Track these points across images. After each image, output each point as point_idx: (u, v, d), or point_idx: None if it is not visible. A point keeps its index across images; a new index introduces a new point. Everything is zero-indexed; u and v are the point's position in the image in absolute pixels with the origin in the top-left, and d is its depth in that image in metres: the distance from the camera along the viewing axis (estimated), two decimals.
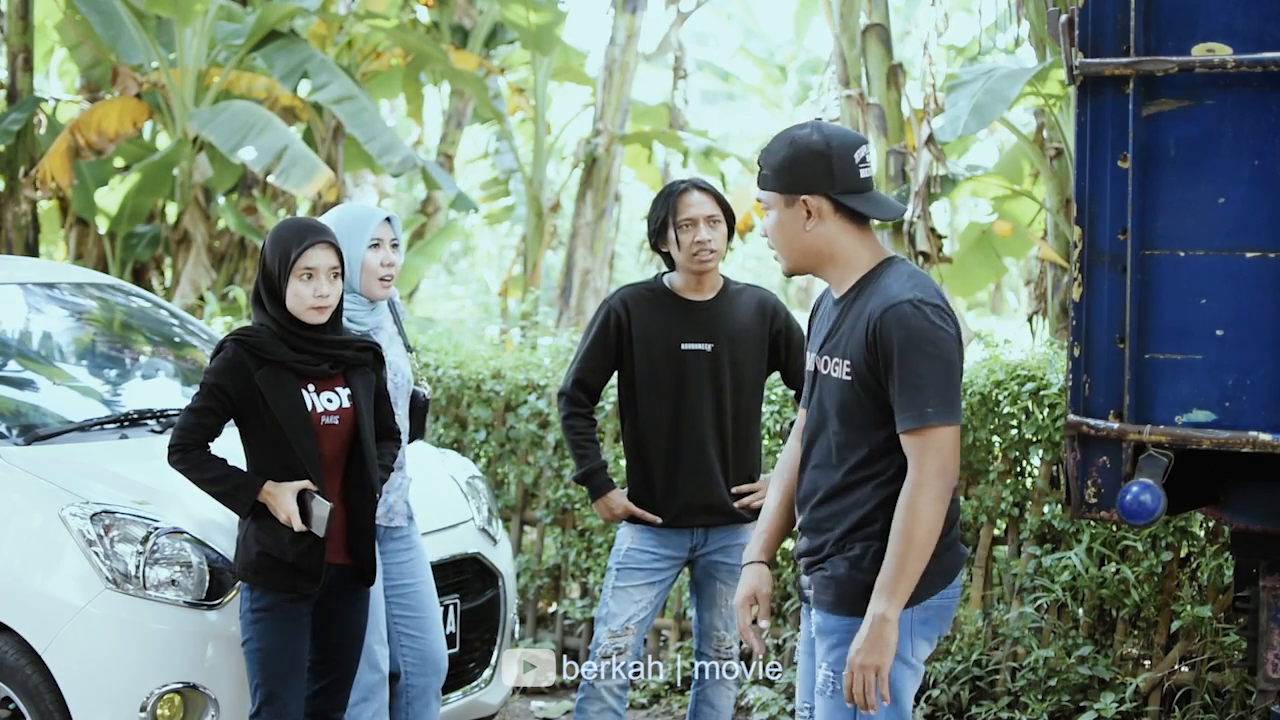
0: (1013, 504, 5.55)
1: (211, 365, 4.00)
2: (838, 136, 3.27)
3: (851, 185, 3.24)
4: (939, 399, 3.11)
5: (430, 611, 4.47)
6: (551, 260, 16.43)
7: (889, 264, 3.28)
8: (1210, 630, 5.16)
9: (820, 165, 3.23)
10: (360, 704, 4.25)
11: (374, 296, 4.36)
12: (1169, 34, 3.41)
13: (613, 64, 12.39)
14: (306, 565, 3.96)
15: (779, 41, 22.45)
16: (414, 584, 4.44)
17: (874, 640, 3.11)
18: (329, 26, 11.55)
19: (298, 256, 3.95)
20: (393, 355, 4.43)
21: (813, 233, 3.27)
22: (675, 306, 4.55)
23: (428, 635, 4.45)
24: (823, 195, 3.24)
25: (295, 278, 3.95)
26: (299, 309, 3.98)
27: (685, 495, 4.51)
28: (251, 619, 3.96)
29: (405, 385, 4.48)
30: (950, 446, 3.13)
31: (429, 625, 4.46)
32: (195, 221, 11.06)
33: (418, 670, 4.45)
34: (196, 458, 3.96)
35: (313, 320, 4.00)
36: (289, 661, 3.97)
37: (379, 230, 4.35)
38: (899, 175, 8.48)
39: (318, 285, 3.96)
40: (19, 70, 11.69)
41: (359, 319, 4.36)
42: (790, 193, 3.26)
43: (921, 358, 3.12)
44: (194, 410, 3.97)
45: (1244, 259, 3.37)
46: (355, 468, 4.08)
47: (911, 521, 3.10)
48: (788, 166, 3.26)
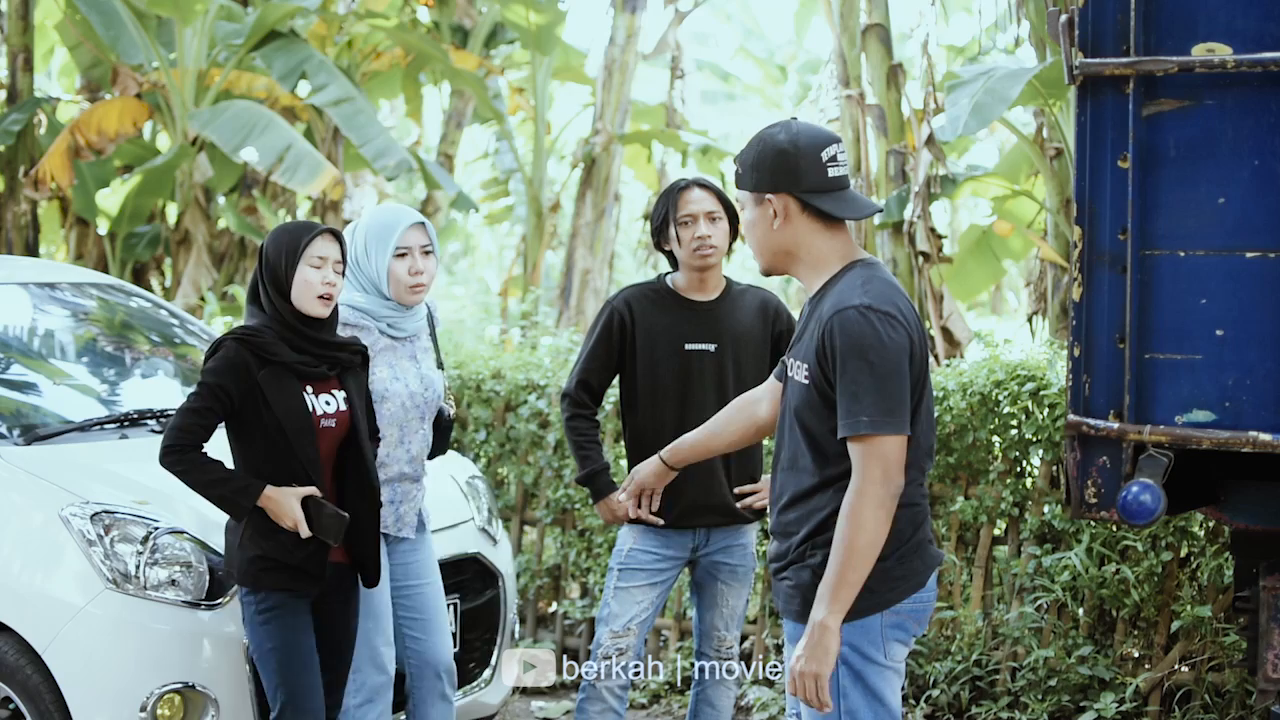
0: (1013, 504, 5.55)
1: (210, 365, 3.94)
2: (806, 135, 3.25)
3: (819, 184, 3.22)
4: (875, 408, 3.08)
5: (433, 614, 4.45)
6: (551, 260, 16.44)
7: (852, 267, 3.26)
8: (1210, 630, 5.16)
9: (785, 164, 3.22)
10: (365, 705, 4.24)
11: (406, 303, 4.34)
12: (1169, 34, 3.41)
13: (612, 64, 12.39)
14: (311, 567, 3.95)
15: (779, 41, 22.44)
16: (418, 586, 4.43)
17: (813, 648, 3.09)
18: (329, 26, 11.55)
19: (308, 244, 3.96)
20: (425, 368, 4.41)
21: (780, 232, 3.26)
22: (679, 307, 4.55)
23: (430, 638, 4.44)
24: (788, 194, 3.23)
25: (306, 264, 3.96)
26: (306, 298, 3.97)
27: (688, 495, 4.50)
28: (259, 621, 3.94)
29: (435, 400, 4.44)
30: (893, 455, 3.10)
31: (432, 628, 4.44)
32: (195, 221, 11.06)
33: (419, 673, 4.44)
34: (194, 459, 3.90)
35: (317, 311, 3.98)
36: (304, 658, 3.95)
37: (406, 237, 4.28)
38: (899, 175, 8.48)
39: (325, 273, 3.97)
40: (19, 70, 11.70)
41: (399, 325, 4.34)
42: (758, 191, 3.26)
43: (862, 365, 3.09)
44: (193, 410, 3.90)
45: (1244, 259, 3.38)
46: (354, 470, 4.06)
47: (852, 529, 3.08)
48: (755, 165, 3.26)
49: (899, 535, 3.18)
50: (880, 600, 3.17)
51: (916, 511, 3.24)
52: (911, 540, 3.22)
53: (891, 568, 3.18)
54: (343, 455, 4.07)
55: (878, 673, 3.20)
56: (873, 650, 3.19)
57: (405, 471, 4.37)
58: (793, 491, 3.27)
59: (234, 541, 3.99)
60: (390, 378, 4.34)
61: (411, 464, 4.39)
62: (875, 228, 8.35)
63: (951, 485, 5.72)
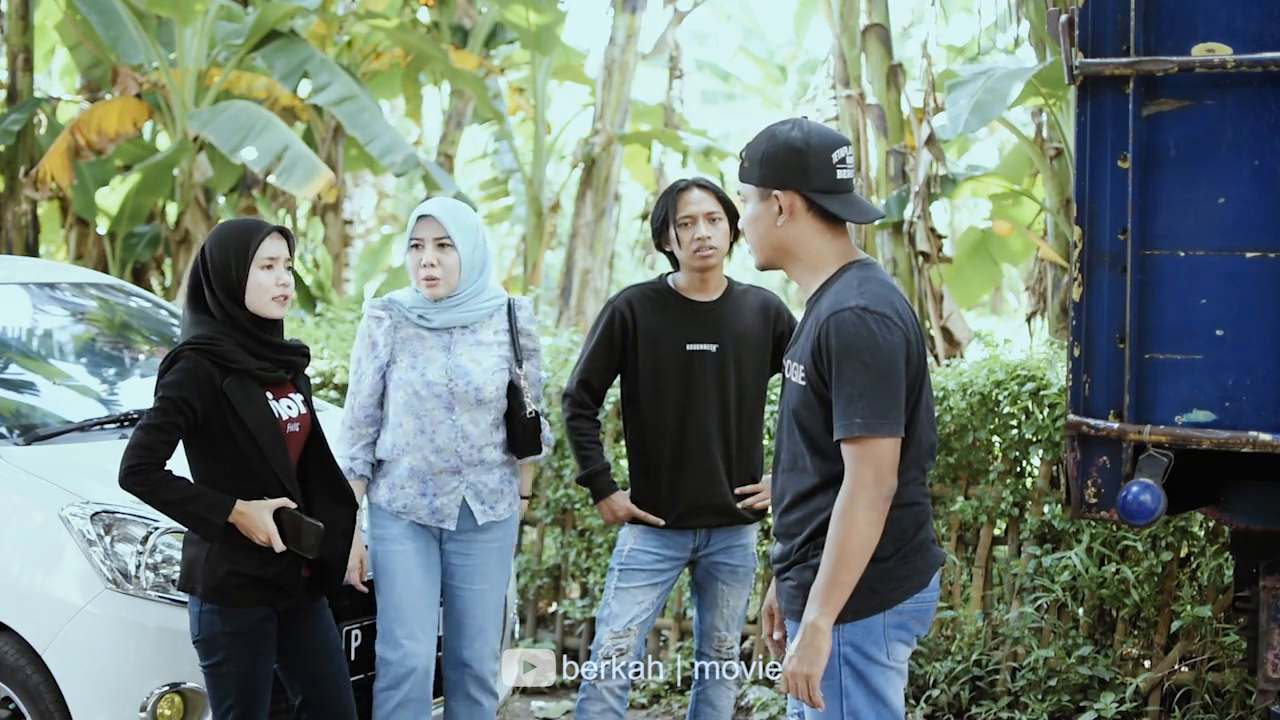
0: (1013, 504, 5.56)
1: (169, 378, 3.77)
2: (818, 135, 3.25)
3: (827, 185, 3.22)
4: (870, 410, 3.08)
5: (461, 617, 4.47)
6: (551, 260, 16.44)
7: (849, 268, 3.25)
8: (1210, 630, 5.17)
9: (796, 161, 3.21)
10: (387, 690, 4.32)
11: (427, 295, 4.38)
12: (1169, 34, 3.41)
13: (612, 64, 12.39)
14: (285, 582, 3.86)
15: (779, 41, 22.43)
16: (459, 588, 4.47)
17: (804, 648, 3.09)
18: (329, 26, 11.55)
19: (258, 246, 3.86)
20: (466, 360, 4.39)
21: (783, 229, 3.26)
22: (680, 307, 4.55)
23: (455, 639, 4.48)
24: (795, 192, 3.23)
25: (258, 268, 3.85)
26: (261, 301, 3.86)
27: (689, 496, 4.50)
28: (225, 643, 3.80)
29: (468, 392, 4.39)
30: (887, 457, 3.09)
31: (461, 631, 4.48)
32: (195, 221, 11.05)
33: (446, 668, 4.52)
34: (158, 478, 3.71)
35: (273, 313, 3.88)
36: (263, 679, 3.87)
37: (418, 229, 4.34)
38: (899, 175, 8.47)
39: (278, 273, 3.89)
40: (19, 70, 11.70)
41: (428, 316, 4.37)
42: (764, 186, 3.25)
43: (857, 367, 3.09)
44: (154, 427, 3.72)
45: (1244, 259, 3.37)
46: (321, 474, 3.99)
47: (844, 531, 3.07)
48: (764, 160, 3.25)
49: (901, 535, 3.18)
50: (883, 600, 3.17)
51: (919, 511, 3.23)
52: (914, 540, 3.22)
53: (894, 567, 3.17)
54: (305, 460, 3.99)
55: (880, 673, 3.20)
56: (875, 650, 3.18)
57: (433, 462, 4.36)
58: (794, 493, 3.27)
59: (198, 554, 3.82)
60: (407, 367, 4.36)
61: (440, 454, 4.36)
62: (875, 228, 8.35)
63: (951, 485, 5.72)
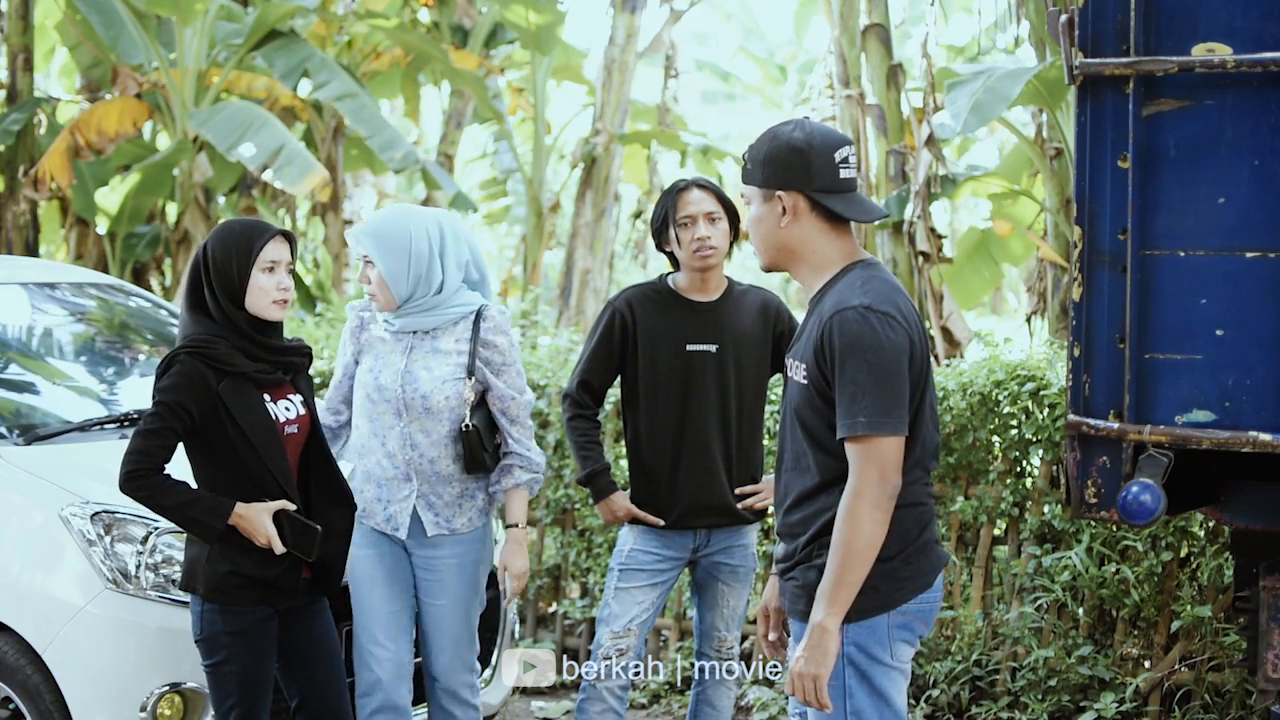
0: (1013, 504, 5.56)
1: (165, 383, 3.76)
2: (820, 135, 3.25)
3: (830, 185, 3.22)
4: (873, 409, 3.07)
5: (430, 630, 4.30)
6: (551, 260, 16.44)
7: (853, 267, 3.25)
8: (1210, 630, 5.17)
9: (798, 162, 3.21)
10: (363, 698, 4.22)
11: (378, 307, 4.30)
12: (1169, 34, 3.41)
13: (612, 64, 12.39)
14: (285, 583, 3.86)
15: (779, 41, 22.45)
16: (425, 602, 4.30)
17: (812, 649, 3.08)
18: (329, 26, 11.55)
19: (261, 249, 3.85)
20: (418, 367, 4.23)
21: (787, 229, 3.25)
22: (680, 307, 4.54)
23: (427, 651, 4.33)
24: (799, 192, 3.23)
25: (259, 270, 3.84)
26: (261, 304, 3.85)
27: (689, 496, 4.50)
28: (227, 642, 3.80)
29: (417, 401, 4.24)
30: (891, 455, 3.09)
31: (428, 641, 4.32)
32: (195, 221, 11.05)
33: (426, 677, 4.35)
34: (157, 483, 3.72)
35: (273, 316, 3.88)
36: (264, 679, 3.87)
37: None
38: (899, 175, 8.47)
39: (280, 277, 3.88)
40: (19, 70, 11.70)
41: (390, 320, 4.24)
42: (767, 187, 3.25)
43: (860, 366, 3.09)
44: (151, 432, 3.72)
45: (1244, 259, 3.38)
46: (323, 475, 3.98)
47: (849, 530, 3.07)
48: (767, 161, 3.25)
49: (905, 535, 3.18)
50: (886, 600, 3.17)
51: (923, 511, 3.23)
52: (918, 540, 3.21)
53: (898, 568, 3.17)
54: (305, 461, 3.99)
55: (884, 673, 3.20)
56: (879, 650, 3.18)
57: (385, 467, 4.26)
58: (797, 492, 3.27)
59: (199, 554, 3.83)
60: (366, 369, 4.30)
61: (390, 460, 4.25)
62: (875, 228, 8.35)
63: (951, 485, 5.72)
